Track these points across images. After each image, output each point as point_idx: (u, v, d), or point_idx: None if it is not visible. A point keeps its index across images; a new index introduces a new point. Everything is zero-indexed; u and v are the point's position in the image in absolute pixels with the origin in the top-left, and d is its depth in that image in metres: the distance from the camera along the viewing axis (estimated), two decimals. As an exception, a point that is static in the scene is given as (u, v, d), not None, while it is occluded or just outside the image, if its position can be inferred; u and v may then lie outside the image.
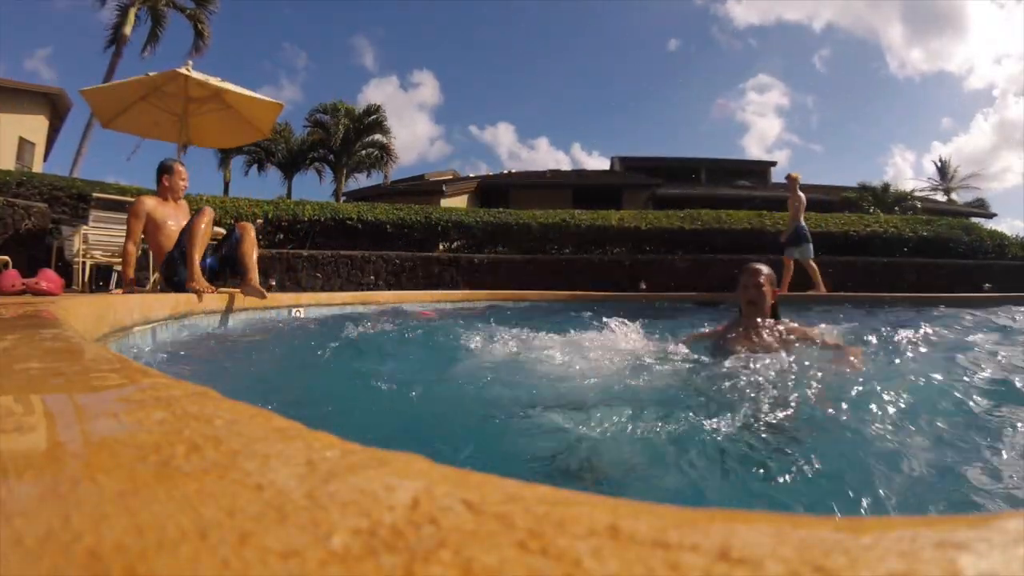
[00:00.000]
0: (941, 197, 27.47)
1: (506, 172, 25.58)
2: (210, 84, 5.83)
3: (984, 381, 1.75)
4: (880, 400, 1.50)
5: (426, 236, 9.87)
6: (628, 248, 10.38)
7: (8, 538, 0.24)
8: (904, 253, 10.32)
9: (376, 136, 24.31)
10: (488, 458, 1.30)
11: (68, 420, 0.52)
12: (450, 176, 24.41)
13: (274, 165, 24.98)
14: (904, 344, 2.27)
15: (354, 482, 0.31)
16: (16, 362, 0.77)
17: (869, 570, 0.22)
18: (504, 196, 19.98)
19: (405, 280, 8.85)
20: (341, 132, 23.13)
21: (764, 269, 2.52)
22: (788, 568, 0.22)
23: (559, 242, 10.36)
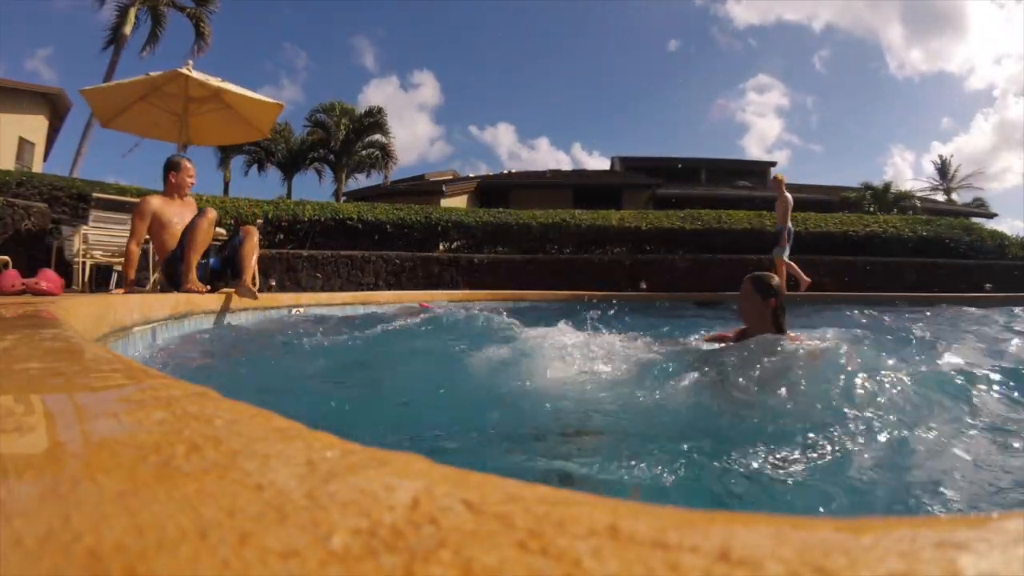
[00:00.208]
0: (941, 197, 27.50)
1: (506, 172, 25.60)
2: (210, 84, 5.83)
3: (985, 380, 1.75)
4: (847, 398, 1.55)
5: (426, 236, 9.87)
6: (628, 248, 10.38)
7: (8, 538, 0.24)
8: (904, 253, 10.32)
9: (376, 136, 24.33)
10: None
11: (68, 420, 0.52)
12: (450, 176, 24.41)
13: (274, 165, 24.98)
14: (897, 342, 2.27)
15: (354, 482, 0.31)
16: (16, 362, 0.77)
17: (869, 570, 0.22)
18: (504, 196, 19.97)
19: (405, 280, 8.85)
20: (342, 133, 23.14)
21: (752, 280, 2.42)
22: (788, 569, 0.22)
23: (559, 242, 10.37)
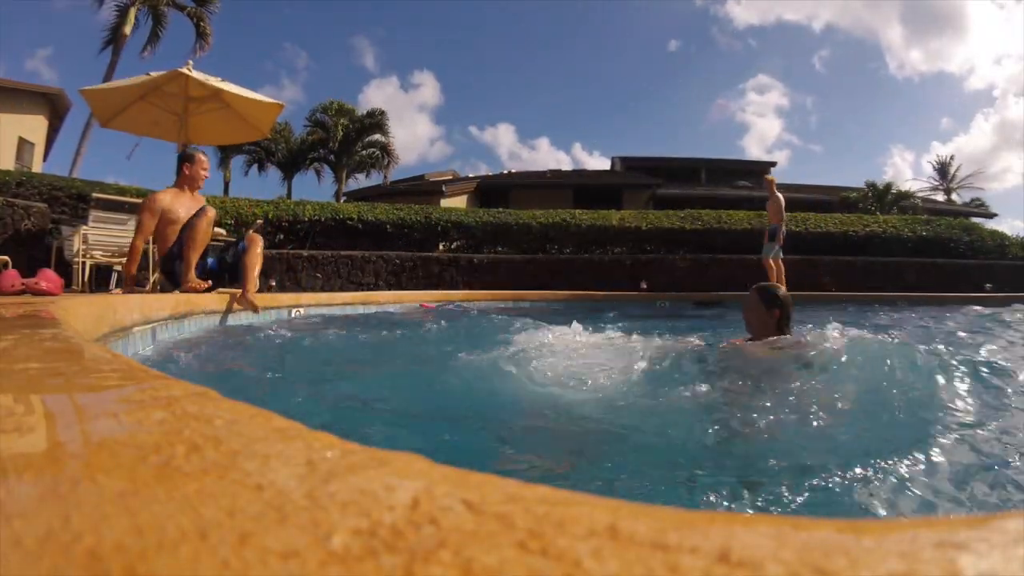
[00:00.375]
0: (941, 197, 27.51)
1: (506, 172, 25.61)
2: (210, 84, 5.82)
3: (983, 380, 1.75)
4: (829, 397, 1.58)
5: (426, 236, 9.87)
6: (629, 248, 10.39)
7: (8, 538, 0.24)
8: (904, 253, 10.33)
9: (376, 136, 24.33)
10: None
11: (68, 420, 0.52)
12: (450, 176, 24.40)
13: (274, 165, 24.97)
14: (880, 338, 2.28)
15: (354, 482, 0.31)
16: (16, 362, 0.77)
17: (870, 571, 0.22)
18: (504, 196, 19.96)
19: (405, 280, 8.86)
20: (340, 132, 23.13)
21: (758, 291, 2.41)
22: (788, 570, 0.22)
23: (559, 242, 10.37)
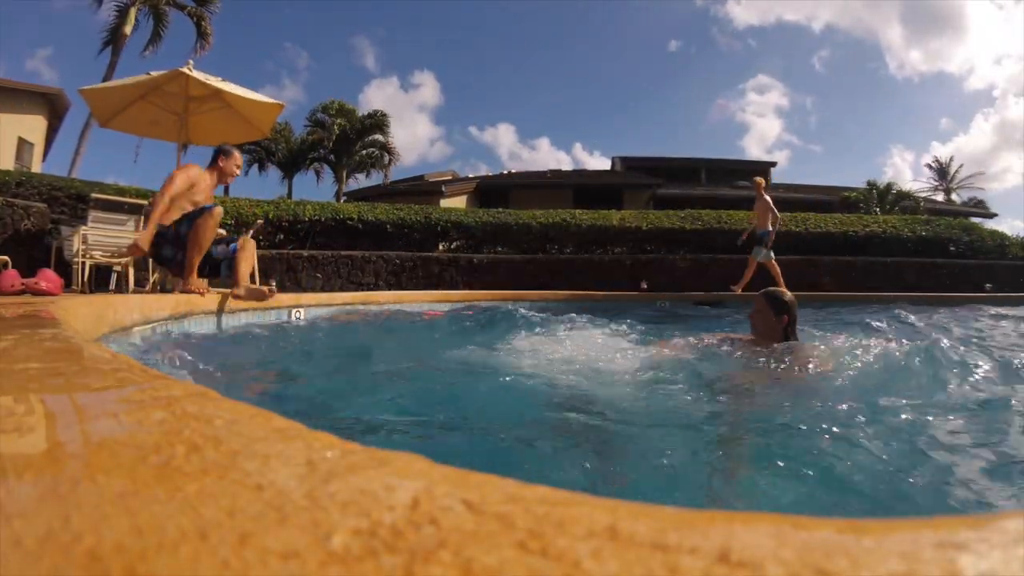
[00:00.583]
0: (940, 197, 27.51)
1: (506, 172, 25.60)
2: (210, 84, 5.82)
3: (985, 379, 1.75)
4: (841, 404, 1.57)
5: (426, 236, 9.86)
6: (629, 248, 10.37)
7: (8, 538, 0.24)
8: (904, 253, 10.32)
9: (376, 136, 24.33)
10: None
11: (68, 420, 0.52)
12: (450, 176, 24.38)
13: (274, 165, 24.96)
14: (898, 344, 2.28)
15: (354, 482, 0.31)
16: (16, 362, 0.77)
17: (870, 571, 0.22)
18: (504, 196, 19.95)
19: (405, 280, 8.85)
20: (337, 131, 23.14)
21: (766, 296, 2.43)
22: (789, 571, 0.22)
23: (559, 242, 10.36)
